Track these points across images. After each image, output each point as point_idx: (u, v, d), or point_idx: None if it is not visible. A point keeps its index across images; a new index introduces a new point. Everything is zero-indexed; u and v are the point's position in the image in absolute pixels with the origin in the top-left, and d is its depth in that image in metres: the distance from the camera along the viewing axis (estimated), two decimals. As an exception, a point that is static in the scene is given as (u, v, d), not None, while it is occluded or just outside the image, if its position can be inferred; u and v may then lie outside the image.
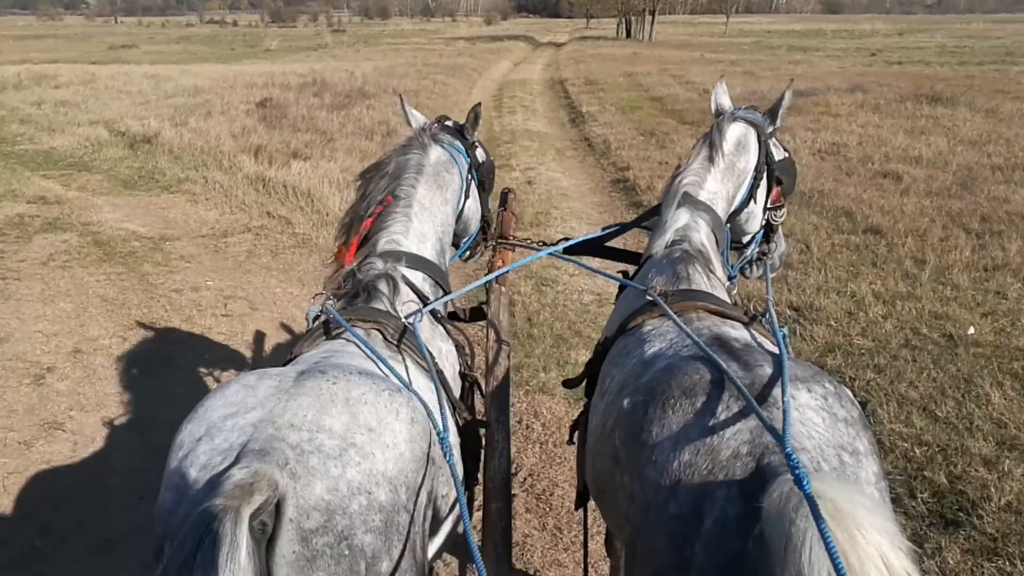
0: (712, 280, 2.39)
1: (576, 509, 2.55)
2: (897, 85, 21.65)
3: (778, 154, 2.89)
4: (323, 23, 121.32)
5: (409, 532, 1.69)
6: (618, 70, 27.79)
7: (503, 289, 3.07)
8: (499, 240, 3.25)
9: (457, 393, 2.42)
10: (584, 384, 2.48)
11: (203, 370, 5.19)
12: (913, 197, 9.08)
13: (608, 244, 3.23)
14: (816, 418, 1.61)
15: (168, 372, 5.21)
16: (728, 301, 2.36)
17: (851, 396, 1.74)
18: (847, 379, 4.77)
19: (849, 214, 8.26)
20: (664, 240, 2.51)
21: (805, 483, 1.28)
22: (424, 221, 2.61)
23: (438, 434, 1.82)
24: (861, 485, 1.54)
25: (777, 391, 1.64)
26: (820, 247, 7.16)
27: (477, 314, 2.95)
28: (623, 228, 3.25)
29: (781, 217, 2.99)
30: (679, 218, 2.53)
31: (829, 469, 1.52)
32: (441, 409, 1.94)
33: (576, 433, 2.51)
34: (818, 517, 1.22)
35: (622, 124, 15.69)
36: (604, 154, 13.20)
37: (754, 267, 3.07)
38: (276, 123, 13.51)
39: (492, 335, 2.89)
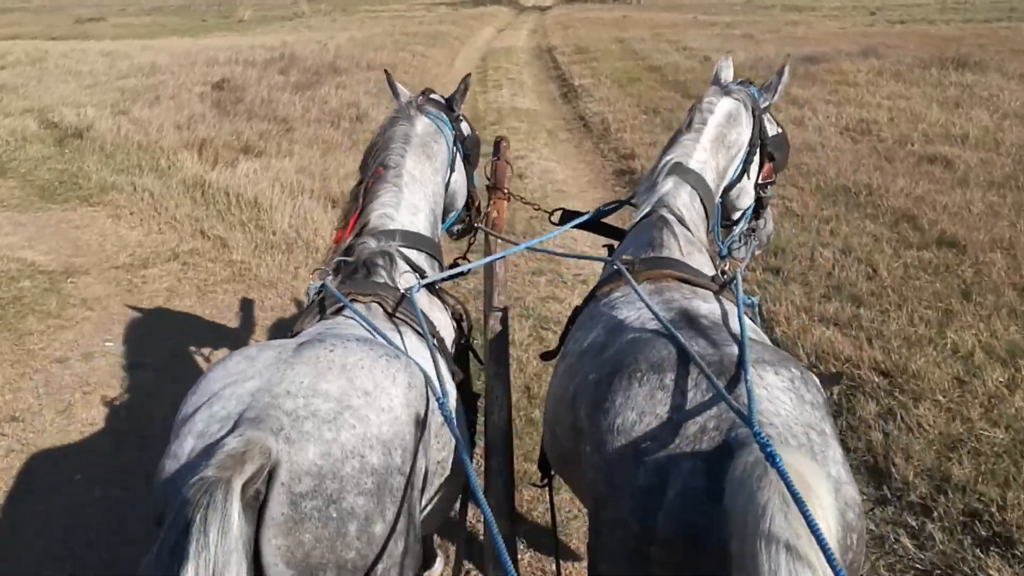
0: (690, 246, 2.37)
1: (542, 480, 2.51)
2: (910, 47, 20.16)
3: (771, 129, 2.90)
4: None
5: (404, 495, 1.68)
6: (609, 36, 26.05)
7: (499, 241, 3.09)
8: (481, 227, 3.22)
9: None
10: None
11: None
12: (975, 190, 7.62)
13: (608, 223, 3.09)
14: (784, 397, 1.62)
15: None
16: (708, 267, 2.33)
17: (817, 383, 1.74)
18: (992, 501, 3.35)
19: (911, 218, 6.82)
20: (646, 208, 2.51)
21: (778, 459, 1.27)
22: (415, 192, 2.63)
23: (438, 400, 1.82)
24: (827, 462, 1.53)
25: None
26: (890, 270, 5.72)
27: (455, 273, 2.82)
28: (620, 204, 3.17)
29: (770, 193, 3.01)
30: (664, 185, 2.53)
31: (797, 444, 1.52)
32: (439, 375, 1.94)
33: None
34: (791, 486, 1.22)
35: (620, 100, 14.12)
36: (603, 137, 11.69)
37: (742, 243, 3.05)
38: (231, 109, 11.92)
39: (490, 290, 2.85)
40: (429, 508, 2.05)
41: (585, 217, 3.06)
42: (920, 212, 6.90)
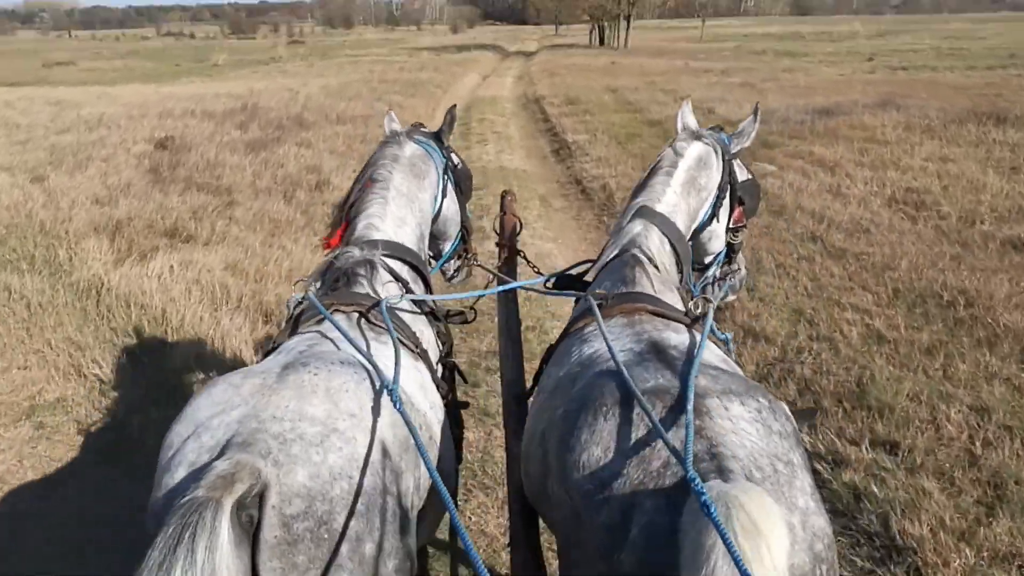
0: (662, 284, 2.37)
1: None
2: (922, 95, 18.74)
3: (742, 175, 2.92)
4: (284, 34, 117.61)
5: (395, 515, 1.70)
6: (599, 84, 24.55)
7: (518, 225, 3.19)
8: (474, 261, 3.26)
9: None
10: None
11: None
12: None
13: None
14: (750, 428, 1.60)
15: None
16: (679, 305, 2.31)
17: (787, 412, 1.72)
18: None
19: (1046, 350, 5.05)
20: (615, 249, 2.51)
21: (712, 510, 1.27)
22: (402, 206, 2.63)
23: (388, 390, 1.79)
24: (795, 493, 1.52)
25: (710, 401, 1.64)
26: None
27: (458, 318, 2.77)
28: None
29: (741, 238, 3.01)
30: (632, 228, 2.53)
31: (762, 477, 1.51)
32: (398, 369, 1.92)
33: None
34: (721, 529, 1.23)
35: (621, 160, 12.42)
36: (605, 207, 9.98)
37: (716, 288, 3.07)
38: (167, 175, 10.08)
39: (501, 335, 2.76)
40: (419, 524, 1.96)
41: (576, 267, 2.89)
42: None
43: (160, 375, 4.94)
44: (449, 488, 2.20)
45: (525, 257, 3.25)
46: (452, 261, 3.23)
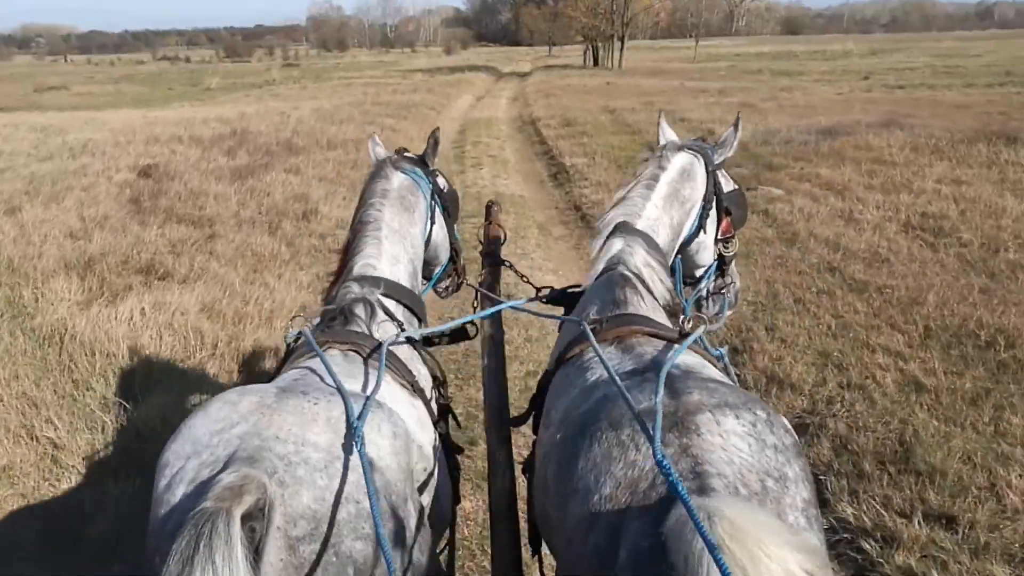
0: (650, 302, 2.35)
1: (532, 555, 2.37)
2: (924, 115, 18.40)
3: (727, 185, 2.86)
4: (279, 57, 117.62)
5: (400, 540, 1.71)
6: (596, 105, 24.17)
7: (502, 236, 3.16)
8: (468, 283, 3.26)
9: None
10: (532, 420, 2.41)
11: None
12: None
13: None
14: (741, 444, 1.58)
15: None
16: (667, 323, 2.29)
17: (786, 424, 1.70)
18: None
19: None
20: (598, 268, 2.48)
21: (682, 493, 1.30)
22: (395, 243, 2.65)
23: (353, 427, 1.74)
24: (783, 509, 1.49)
25: (700, 417, 1.64)
26: None
27: (460, 335, 2.80)
28: None
29: (732, 250, 2.95)
30: (612, 246, 2.48)
31: (748, 494, 1.49)
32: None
33: (527, 473, 2.41)
34: (703, 534, 1.22)
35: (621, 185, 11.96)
36: (607, 235, 9.47)
37: (711, 303, 3.01)
38: (148, 206, 9.59)
39: (484, 349, 2.75)
40: (415, 553, 1.93)
41: (570, 289, 2.90)
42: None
43: (121, 439, 4.42)
44: (445, 526, 2.28)
45: (512, 267, 3.22)
46: (443, 280, 3.27)
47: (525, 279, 3.26)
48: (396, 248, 2.65)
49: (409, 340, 2.42)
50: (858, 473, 4.01)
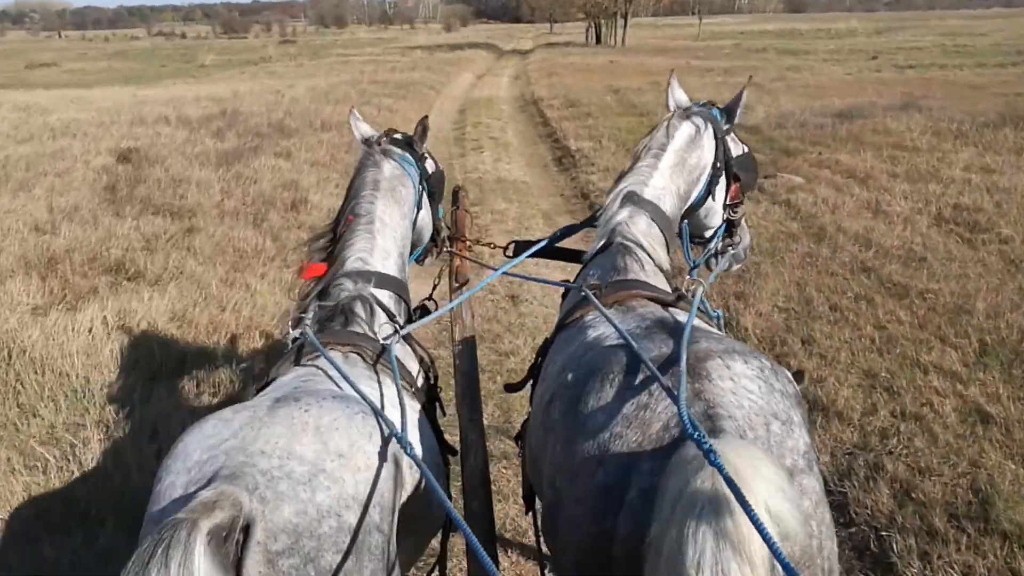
0: (650, 268, 2.38)
1: (526, 513, 2.51)
2: (937, 95, 17.72)
3: (736, 149, 2.87)
4: (276, 33, 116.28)
5: (381, 552, 1.68)
6: (600, 84, 23.41)
7: (464, 286, 3.13)
8: (451, 250, 3.25)
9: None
10: (529, 388, 2.42)
11: None
12: None
13: (561, 246, 3.11)
14: (752, 385, 1.61)
15: None
16: (666, 287, 2.34)
17: (789, 376, 1.74)
18: None
19: None
20: (603, 237, 2.51)
21: (713, 456, 1.26)
22: (387, 238, 2.64)
23: (397, 438, 1.75)
24: (785, 453, 1.53)
25: (711, 363, 1.66)
26: None
27: (423, 312, 2.78)
28: (573, 229, 3.17)
29: (741, 212, 3.00)
30: (618, 215, 2.50)
31: (754, 437, 1.53)
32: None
33: (521, 440, 2.49)
34: (728, 478, 1.21)
35: (630, 170, 11.31)
36: (617, 227, 8.85)
37: (719, 259, 3.05)
38: (125, 194, 8.94)
39: (457, 334, 2.84)
40: (406, 555, 1.98)
41: (540, 245, 3.07)
42: None
43: (65, 492, 3.77)
44: (438, 526, 2.27)
45: (479, 241, 3.43)
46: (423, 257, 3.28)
47: (493, 245, 3.44)
48: (388, 243, 2.62)
49: (404, 337, 2.40)
50: (928, 530, 3.41)
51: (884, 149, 11.81)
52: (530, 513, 2.46)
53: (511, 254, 3.18)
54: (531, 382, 2.41)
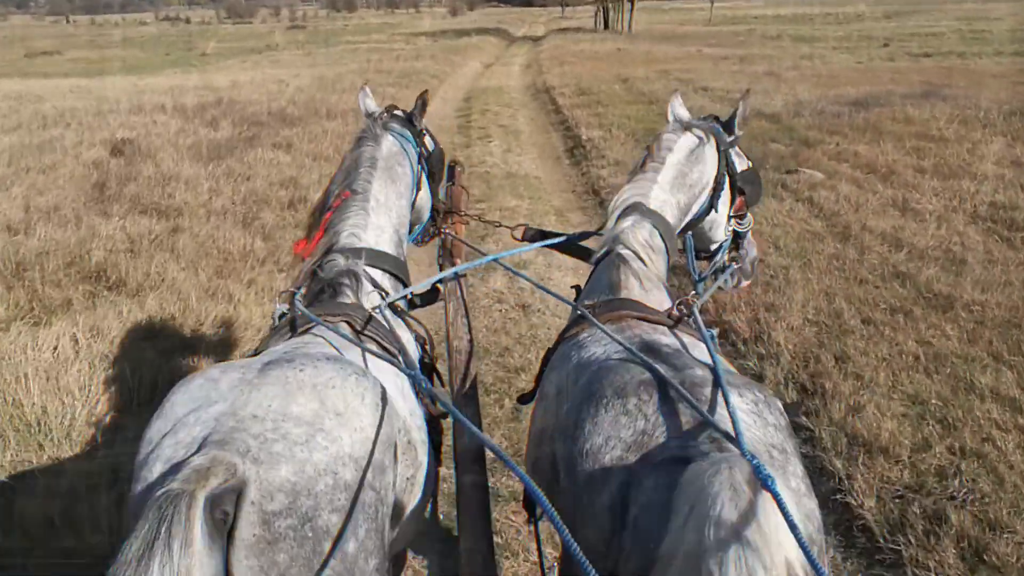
0: (649, 283, 2.38)
1: (527, 520, 2.57)
2: (960, 84, 17.10)
3: (740, 164, 2.87)
4: (285, 18, 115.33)
5: (375, 512, 1.68)
6: (610, 74, 22.75)
7: (457, 261, 3.16)
8: (447, 232, 3.25)
9: None
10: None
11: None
12: None
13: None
14: (748, 419, 1.63)
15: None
16: (666, 302, 2.35)
17: (780, 406, 1.75)
18: None
19: None
20: (604, 248, 2.51)
21: (770, 482, 1.28)
22: (381, 215, 2.64)
23: (429, 396, 1.95)
24: (789, 476, 1.55)
25: (707, 391, 1.69)
26: None
27: (431, 296, 2.89)
28: (587, 236, 3.13)
29: (747, 225, 2.99)
30: (621, 224, 2.50)
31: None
32: (424, 383, 2.01)
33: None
34: (773, 491, 1.25)
35: (642, 163, 10.79)
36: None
37: (727, 275, 3.03)
38: (113, 191, 8.47)
39: (451, 311, 2.87)
40: (398, 526, 1.97)
41: (556, 240, 3.08)
42: None
43: (6, 536, 3.33)
44: (428, 492, 2.21)
45: (481, 219, 3.49)
46: (422, 236, 3.29)
47: (498, 224, 3.41)
48: (382, 219, 2.63)
49: (391, 307, 2.43)
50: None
51: (906, 139, 11.28)
52: (531, 523, 2.46)
53: (519, 236, 3.22)
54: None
